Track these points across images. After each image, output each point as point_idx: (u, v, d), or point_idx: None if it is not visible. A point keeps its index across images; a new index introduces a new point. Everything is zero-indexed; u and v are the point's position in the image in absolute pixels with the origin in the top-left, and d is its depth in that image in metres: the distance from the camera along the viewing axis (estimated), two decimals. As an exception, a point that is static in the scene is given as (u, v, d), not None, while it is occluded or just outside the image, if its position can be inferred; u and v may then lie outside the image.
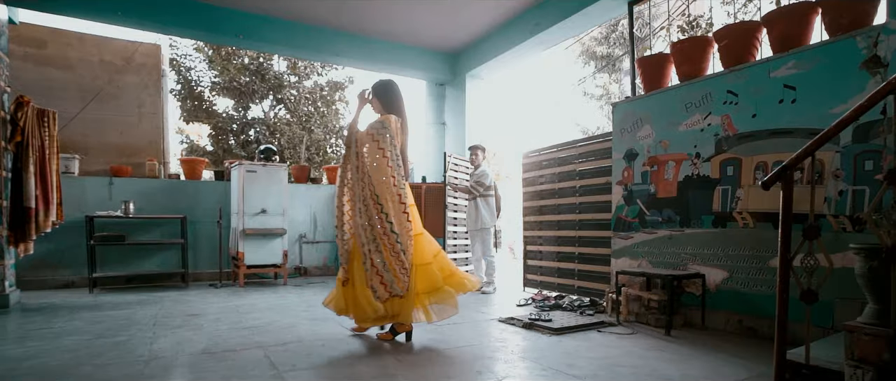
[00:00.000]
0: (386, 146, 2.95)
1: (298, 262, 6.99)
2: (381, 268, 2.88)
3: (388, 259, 2.88)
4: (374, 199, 2.89)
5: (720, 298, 3.48)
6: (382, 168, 2.92)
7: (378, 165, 2.92)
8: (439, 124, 7.44)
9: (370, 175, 2.91)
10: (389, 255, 2.89)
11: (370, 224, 2.89)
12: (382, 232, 2.89)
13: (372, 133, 3.01)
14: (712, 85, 3.55)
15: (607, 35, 13.22)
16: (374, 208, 2.89)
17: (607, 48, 13.25)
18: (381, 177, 2.90)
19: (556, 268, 5.24)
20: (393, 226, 2.88)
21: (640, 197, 4.12)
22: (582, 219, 4.92)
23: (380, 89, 3.25)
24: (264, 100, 8.31)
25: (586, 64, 14.17)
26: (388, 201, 2.89)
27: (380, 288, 2.89)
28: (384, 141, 2.96)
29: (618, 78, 13.92)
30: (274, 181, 6.10)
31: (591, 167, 4.84)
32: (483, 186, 5.59)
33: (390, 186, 2.91)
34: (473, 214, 5.60)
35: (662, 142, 3.93)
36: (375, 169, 2.91)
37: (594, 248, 4.76)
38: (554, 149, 5.36)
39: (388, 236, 2.87)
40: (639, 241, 4.13)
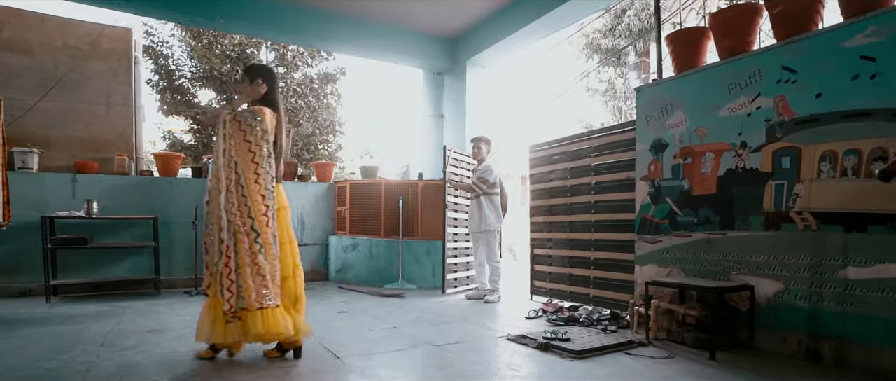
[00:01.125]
0: (253, 140, 2.63)
1: (284, 266, 6.41)
2: (232, 270, 2.57)
3: (244, 261, 2.58)
4: (238, 190, 2.61)
5: (773, 314, 2.92)
6: (247, 164, 2.62)
7: (243, 160, 2.63)
8: (437, 117, 6.88)
9: (238, 165, 2.62)
10: (245, 257, 2.58)
11: (229, 219, 2.58)
12: (242, 229, 2.59)
13: (240, 122, 2.65)
14: (763, 61, 3.00)
15: (612, 27, 12.69)
16: (238, 199, 2.61)
17: (612, 40, 12.71)
18: (246, 172, 2.63)
19: (568, 275, 4.69)
20: (253, 222, 2.60)
21: (671, 194, 3.57)
22: (598, 220, 4.37)
23: (260, 73, 2.85)
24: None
25: (589, 58, 13.63)
26: (251, 199, 2.62)
27: (227, 294, 2.55)
28: (253, 133, 2.64)
29: (623, 72, 13.38)
30: (255, 178, 5.52)
31: (609, 161, 4.29)
32: (487, 184, 5.03)
33: (252, 183, 2.62)
34: (476, 214, 5.04)
35: (698, 130, 3.38)
36: (243, 164, 2.63)
37: (613, 252, 4.20)
38: (566, 142, 4.80)
39: (248, 235, 2.59)
40: (669, 245, 3.57)
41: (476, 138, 5.18)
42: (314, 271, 6.60)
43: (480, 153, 5.13)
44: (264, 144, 2.66)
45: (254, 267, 2.58)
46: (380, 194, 6.20)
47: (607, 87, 13.14)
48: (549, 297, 4.92)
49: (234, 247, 2.56)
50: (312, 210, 6.63)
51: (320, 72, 8.52)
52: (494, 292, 5.00)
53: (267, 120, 2.70)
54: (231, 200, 2.59)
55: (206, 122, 2.93)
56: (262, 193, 2.63)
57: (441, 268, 5.79)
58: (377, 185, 6.25)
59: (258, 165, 2.62)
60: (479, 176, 5.05)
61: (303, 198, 6.57)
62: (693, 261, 3.40)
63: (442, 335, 3.46)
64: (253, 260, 2.58)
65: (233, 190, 2.60)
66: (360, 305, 4.71)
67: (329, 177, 6.86)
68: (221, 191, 2.58)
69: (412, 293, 5.44)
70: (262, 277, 2.59)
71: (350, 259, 6.29)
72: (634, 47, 12.38)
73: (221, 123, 2.65)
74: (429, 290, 5.70)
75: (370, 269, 6.12)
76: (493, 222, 5.00)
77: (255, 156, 2.62)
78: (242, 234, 2.57)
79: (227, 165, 2.60)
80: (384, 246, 6.04)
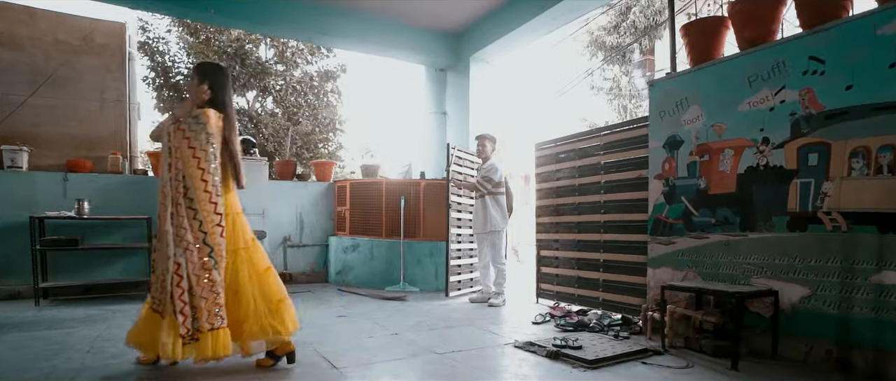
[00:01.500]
0: (198, 146, 2.49)
1: (282, 267, 6.26)
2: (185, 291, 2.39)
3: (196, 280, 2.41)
4: (187, 203, 2.46)
5: (799, 321, 2.74)
6: (194, 173, 2.47)
7: (190, 169, 2.48)
8: (440, 114, 6.70)
9: (185, 178, 2.48)
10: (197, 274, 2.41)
11: (179, 234, 2.42)
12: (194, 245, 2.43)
13: (184, 129, 2.51)
14: (787, 51, 2.81)
15: (617, 24, 12.50)
16: (187, 212, 2.46)
17: (617, 38, 12.52)
18: (194, 182, 2.48)
19: (576, 277, 4.51)
20: (206, 237, 2.45)
21: (686, 194, 3.39)
22: (608, 220, 4.19)
23: (203, 72, 2.68)
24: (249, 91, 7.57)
25: (594, 55, 13.44)
26: (202, 211, 2.47)
27: (181, 317, 2.38)
28: (197, 139, 2.49)
29: (628, 70, 13.19)
30: (252, 177, 5.33)
31: (619, 159, 4.11)
32: (491, 183, 4.85)
33: (201, 192, 2.47)
34: (481, 214, 4.87)
35: (716, 126, 3.19)
36: (189, 173, 2.48)
37: (624, 254, 4.02)
38: (573, 139, 4.63)
39: (200, 250, 2.44)
40: (684, 247, 3.39)
41: (480, 136, 5.01)
42: (314, 273, 6.44)
43: (485, 151, 4.95)
44: (210, 148, 2.50)
45: (209, 283, 2.42)
46: (381, 194, 6.03)
47: (612, 85, 12.95)
48: (555, 300, 4.75)
49: (184, 266, 2.40)
50: (312, 210, 6.47)
51: (320, 69, 8.36)
52: (499, 296, 4.83)
53: (211, 123, 2.54)
54: (180, 213, 2.44)
55: (152, 135, 2.76)
56: (213, 201, 2.48)
57: (444, 270, 5.63)
58: (378, 184, 6.08)
59: (204, 172, 2.47)
60: (484, 175, 4.88)
61: (301, 198, 6.41)
62: (710, 264, 3.22)
63: (445, 341, 3.29)
64: (208, 276, 2.42)
65: (181, 203, 2.45)
66: (360, 308, 4.55)
67: (329, 176, 6.70)
68: (168, 207, 2.44)
69: (414, 296, 5.27)
70: (216, 293, 2.43)
71: (350, 261, 6.12)
72: (639, 44, 12.19)
73: (166, 135, 2.51)
74: (431, 292, 5.53)
75: (371, 271, 5.95)
76: (498, 223, 4.83)
77: (201, 162, 2.47)
78: (193, 250, 2.42)
79: (174, 179, 2.46)
80: (385, 247, 5.88)
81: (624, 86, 12.67)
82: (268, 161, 5.45)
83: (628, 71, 13.01)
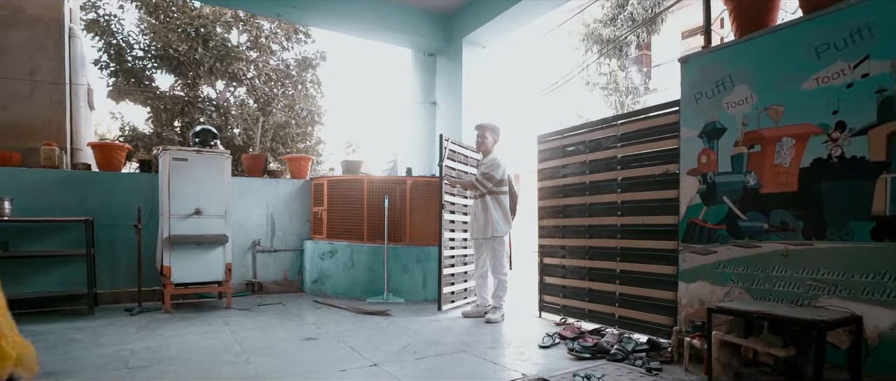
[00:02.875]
0: None
1: (251, 276, 5.55)
2: None
3: None
4: None
5: (888, 355, 2.14)
6: None
7: None
8: (429, 104, 6.04)
9: None
10: None
11: None
12: None
13: None
14: (875, 11, 2.22)
15: (614, 16, 11.96)
16: None
17: (614, 31, 11.98)
18: None
19: (587, 290, 3.90)
20: None
21: (730, 193, 2.78)
22: (626, 224, 3.58)
23: None
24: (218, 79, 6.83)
25: (589, 49, 12.89)
26: None
27: None
28: None
29: (624, 64, 12.67)
30: (212, 173, 4.65)
31: (641, 152, 3.50)
32: (493, 181, 4.21)
33: None
34: (481, 217, 4.21)
35: (771, 109, 2.59)
36: None
37: (646, 264, 3.42)
38: (583, 129, 4.01)
39: None
40: (726, 257, 2.79)
41: (480, 126, 4.35)
42: (287, 283, 5.74)
43: (485, 144, 4.30)
44: None
45: None
46: (362, 193, 5.36)
47: (608, 80, 12.41)
48: (562, 315, 4.13)
49: None
50: (284, 211, 5.77)
51: (298, 55, 7.63)
52: (497, 310, 4.19)
53: None
54: None
55: None
56: None
57: (433, 278, 4.99)
58: (359, 182, 5.41)
59: None
60: (484, 172, 4.23)
61: (273, 197, 5.70)
62: (763, 279, 2.61)
63: (436, 377, 2.63)
64: None
65: None
66: (335, 327, 3.87)
67: (304, 173, 6.00)
68: None
69: (400, 309, 4.62)
70: None
71: (328, 268, 5.44)
72: (637, 37, 11.67)
73: None
74: (419, 304, 4.88)
75: (351, 279, 5.27)
76: (500, 227, 4.19)
77: None
78: None
79: None
80: (367, 253, 5.20)
81: (620, 81, 12.13)
82: (231, 155, 4.73)
83: (625, 65, 12.48)
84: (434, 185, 5.07)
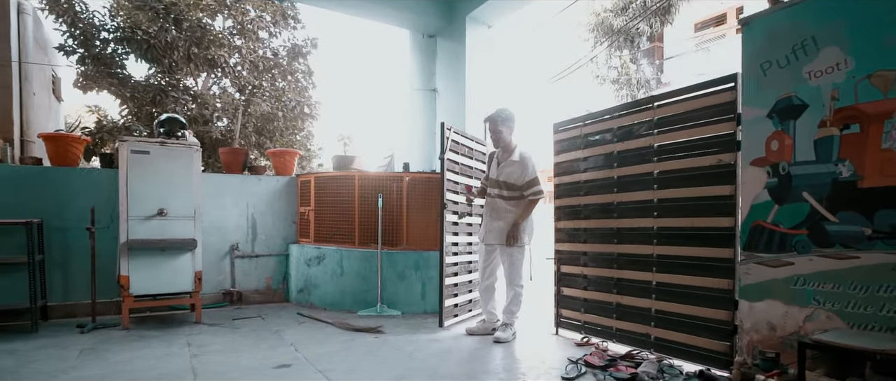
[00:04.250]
0: None
1: (229, 284, 4.94)
2: None
3: None
4: None
5: None
6: None
7: None
8: (428, 91, 5.41)
9: None
10: None
11: None
12: None
13: None
14: None
15: (626, 5, 11.32)
16: None
17: (626, 21, 11.35)
18: None
19: (615, 305, 3.28)
20: None
21: (814, 187, 2.16)
22: (665, 227, 2.97)
23: None
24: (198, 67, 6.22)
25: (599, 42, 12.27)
26: None
27: None
28: None
29: (636, 56, 12.04)
30: (179, 168, 4.05)
31: (684, 139, 2.89)
32: (536, 188, 3.57)
33: None
34: (501, 220, 3.56)
35: (878, 75, 1.97)
36: None
37: (691, 275, 2.81)
38: (610, 115, 3.40)
39: None
40: (808, 271, 2.17)
41: (492, 119, 3.59)
42: (270, 291, 5.14)
43: (503, 138, 3.62)
44: None
45: None
46: (353, 191, 4.75)
47: (619, 73, 11.77)
48: (583, 333, 3.52)
49: None
50: (267, 211, 5.16)
51: (286, 43, 7.02)
52: (508, 327, 3.57)
53: None
54: None
55: None
56: None
57: (433, 287, 4.38)
58: (349, 178, 4.80)
59: None
60: (529, 179, 3.52)
61: (254, 196, 5.10)
62: (863, 301, 1.99)
63: (435, 428, 2.02)
64: None
65: None
66: (316, 349, 3.27)
67: (290, 169, 5.39)
68: None
69: (395, 324, 4.01)
70: None
71: (315, 276, 4.83)
72: (650, 27, 11.04)
73: None
74: (417, 318, 4.28)
75: (340, 289, 4.67)
76: (529, 235, 3.61)
77: None
78: None
79: None
80: (358, 259, 4.60)
81: (632, 74, 11.49)
82: (201, 147, 4.14)
83: (636, 58, 11.85)
84: (434, 182, 4.46)
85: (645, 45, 12.63)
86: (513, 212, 3.54)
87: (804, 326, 2.15)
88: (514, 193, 3.57)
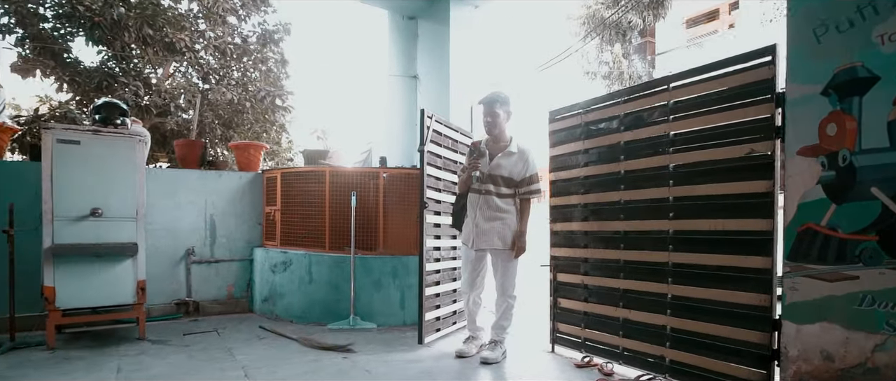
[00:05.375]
0: None
1: (184, 293, 4.39)
2: None
3: None
4: None
5: None
6: None
7: None
8: (408, 78, 4.89)
9: None
10: None
11: None
12: None
13: None
14: None
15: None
16: None
17: (618, 14, 10.96)
18: None
19: (621, 320, 2.82)
20: None
21: (887, 181, 1.71)
22: (682, 230, 2.51)
23: None
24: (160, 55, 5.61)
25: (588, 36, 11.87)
26: None
27: None
28: None
29: (628, 50, 11.67)
30: (117, 161, 3.49)
31: (707, 126, 2.43)
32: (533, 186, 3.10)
33: None
34: (497, 221, 3.06)
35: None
36: None
37: (716, 288, 2.35)
38: (616, 99, 2.93)
39: None
40: (879, 287, 1.72)
41: (489, 101, 3.08)
42: (232, 301, 4.59)
43: (498, 124, 3.10)
44: None
45: None
46: (323, 188, 4.22)
47: (610, 68, 11.39)
48: (583, 353, 3.06)
49: None
50: (229, 211, 4.61)
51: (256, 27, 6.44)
52: (498, 346, 3.09)
53: None
54: None
55: None
56: None
57: (414, 300, 3.88)
58: (318, 174, 4.27)
59: None
60: (531, 175, 3.07)
61: (213, 194, 4.54)
62: (957, 327, 1.54)
63: None
64: None
65: None
66: (273, 373, 2.77)
67: (256, 165, 4.84)
68: None
69: (369, 339, 3.52)
70: None
71: (280, 283, 4.30)
72: (643, 21, 10.66)
73: None
74: (395, 331, 3.79)
75: (309, 298, 4.14)
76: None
77: None
78: None
79: None
80: (329, 264, 4.08)
81: (624, 69, 11.12)
82: (145, 137, 3.58)
83: (628, 52, 11.49)
84: (414, 179, 3.96)
85: (636, 40, 12.28)
86: (510, 212, 3.05)
87: (873, 357, 1.70)
88: (510, 190, 3.08)
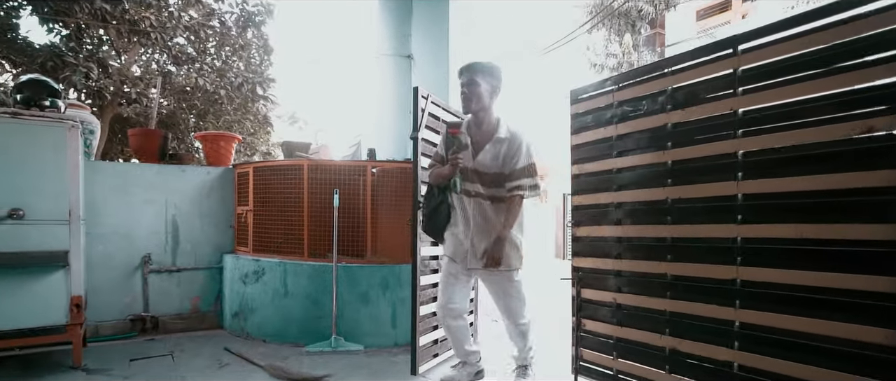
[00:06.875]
0: None
1: (140, 308, 3.77)
2: None
3: None
4: None
5: None
6: None
7: None
8: (402, 58, 4.26)
9: None
10: None
11: None
12: None
13: None
14: None
15: (628, -15, 10.33)
16: None
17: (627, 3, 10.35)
18: None
19: (668, 351, 2.22)
20: None
21: None
22: (756, 238, 1.92)
23: None
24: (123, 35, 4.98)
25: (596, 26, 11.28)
26: None
27: None
28: None
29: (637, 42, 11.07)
30: (43, 151, 2.88)
31: (795, 99, 1.82)
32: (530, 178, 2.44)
33: None
34: (494, 232, 2.40)
35: None
36: None
37: (806, 316, 1.74)
38: (657, 73, 2.32)
39: None
40: None
41: (469, 69, 2.40)
42: (198, 315, 3.98)
43: (481, 99, 2.45)
44: None
45: None
46: (300, 185, 3.61)
47: (619, 61, 10.79)
48: (617, 389, 2.44)
49: None
50: (194, 212, 4.00)
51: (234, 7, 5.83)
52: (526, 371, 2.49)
53: None
54: None
55: None
56: None
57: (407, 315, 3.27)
58: (295, 169, 3.66)
59: None
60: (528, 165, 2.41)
61: (176, 192, 3.93)
62: None
63: None
64: None
65: None
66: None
67: (227, 158, 4.23)
68: None
69: (354, 366, 2.92)
70: None
71: (252, 296, 3.69)
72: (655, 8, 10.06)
73: None
74: (385, 354, 3.19)
75: (284, 314, 3.54)
76: (515, 256, 2.44)
77: None
78: None
79: None
80: (308, 274, 3.48)
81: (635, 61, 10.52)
82: (80, 123, 2.96)
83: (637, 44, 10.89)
84: (408, 173, 3.35)
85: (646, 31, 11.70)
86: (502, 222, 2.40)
87: None
88: (501, 189, 2.43)
